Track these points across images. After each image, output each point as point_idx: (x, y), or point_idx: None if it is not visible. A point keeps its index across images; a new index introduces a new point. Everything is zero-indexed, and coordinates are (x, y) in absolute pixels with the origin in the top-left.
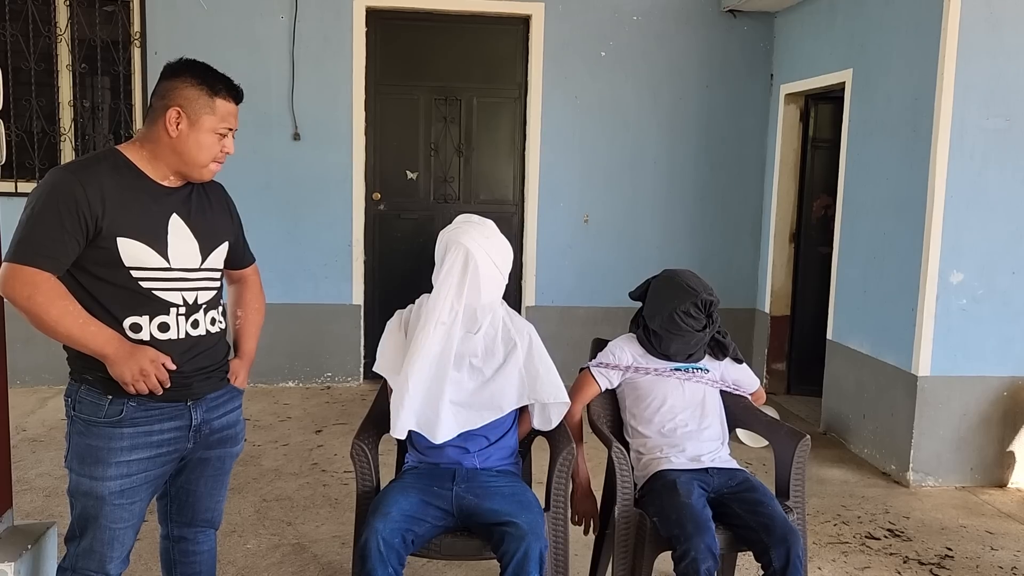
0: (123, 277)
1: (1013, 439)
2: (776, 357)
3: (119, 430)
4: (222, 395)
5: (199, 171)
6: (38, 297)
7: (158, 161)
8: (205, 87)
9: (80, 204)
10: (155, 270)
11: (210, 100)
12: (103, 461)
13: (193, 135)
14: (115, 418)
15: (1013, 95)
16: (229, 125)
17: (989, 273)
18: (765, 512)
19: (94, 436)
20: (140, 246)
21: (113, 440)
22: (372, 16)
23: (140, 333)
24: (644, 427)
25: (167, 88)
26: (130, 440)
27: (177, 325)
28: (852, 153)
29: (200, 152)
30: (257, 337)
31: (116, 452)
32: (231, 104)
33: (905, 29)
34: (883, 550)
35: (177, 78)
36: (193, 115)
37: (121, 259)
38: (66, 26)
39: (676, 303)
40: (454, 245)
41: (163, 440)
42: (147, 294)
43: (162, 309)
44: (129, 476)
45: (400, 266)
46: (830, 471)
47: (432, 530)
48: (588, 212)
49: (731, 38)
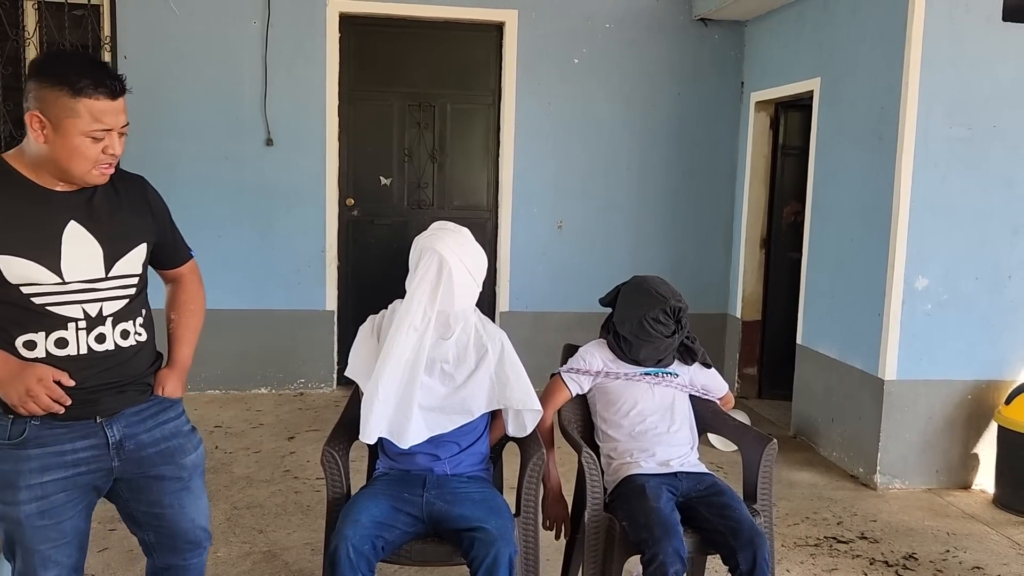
0: (13, 295)
1: (977, 442)
2: (748, 361)
3: (25, 451)
4: (146, 408)
5: (81, 179)
6: None
7: (40, 168)
8: (65, 86)
9: None
10: (46, 285)
11: (72, 100)
12: (13, 485)
13: (61, 141)
14: (18, 439)
15: (975, 104)
16: (104, 125)
17: (953, 279)
18: (732, 516)
19: (1, 459)
20: (26, 263)
21: (21, 462)
22: (346, 22)
23: (35, 350)
24: (614, 431)
25: (28, 91)
26: (39, 461)
27: (77, 340)
28: (820, 160)
29: (74, 159)
30: (192, 342)
31: (25, 475)
32: (103, 101)
33: (871, 39)
34: (850, 552)
35: (36, 78)
36: (55, 119)
37: (6, 278)
38: (35, 30)
39: (645, 310)
40: (428, 252)
41: (79, 459)
42: (40, 310)
43: (59, 324)
44: (46, 498)
45: (374, 272)
46: (799, 474)
47: (403, 536)
48: (562, 218)
49: (702, 46)
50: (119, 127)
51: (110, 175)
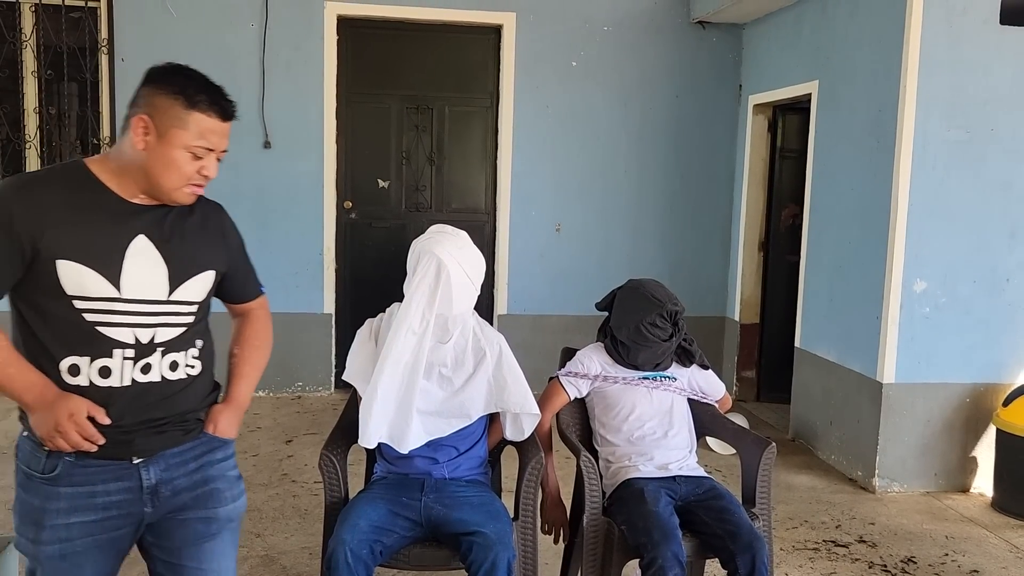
0: (65, 308)
1: (975, 445)
2: (746, 365)
3: (55, 488)
4: (189, 449)
5: (167, 194)
6: None
7: (126, 177)
8: (182, 97)
9: (15, 221)
10: (102, 300)
11: (185, 111)
12: (37, 523)
13: (161, 150)
14: (50, 474)
15: (973, 108)
16: (207, 144)
17: (951, 282)
18: (731, 520)
19: (31, 491)
20: (84, 270)
21: (49, 500)
22: (343, 24)
23: (78, 377)
24: (613, 436)
25: (141, 94)
26: (68, 501)
27: (121, 370)
28: (819, 163)
29: (168, 171)
30: (254, 380)
31: (52, 514)
32: (213, 120)
33: (869, 42)
34: (849, 555)
35: (153, 84)
36: (162, 126)
37: (61, 286)
38: (32, 32)
39: (642, 315)
40: (427, 255)
41: (109, 503)
42: (90, 330)
43: (105, 350)
44: (70, 540)
45: (372, 275)
46: (798, 477)
47: (401, 541)
48: (560, 221)
49: (700, 49)
50: (220, 150)
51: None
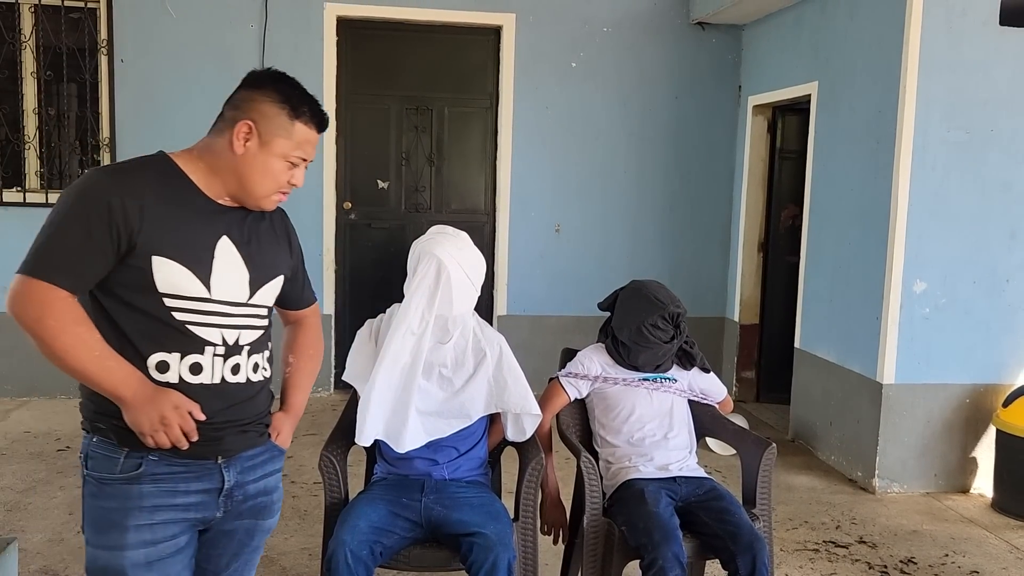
0: (154, 305)
1: (975, 445)
2: (745, 365)
3: (137, 487)
4: (260, 454)
5: (257, 200)
6: (48, 320)
7: (215, 177)
8: (287, 106)
9: (114, 213)
10: (193, 300)
11: (289, 122)
12: (119, 524)
13: (261, 157)
14: (132, 473)
15: (973, 108)
16: (304, 154)
17: (951, 282)
18: (731, 520)
19: (108, 496)
20: (179, 268)
21: (131, 499)
22: (343, 25)
23: (167, 373)
24: (613, 437)
25: (244, 98)
26: (152, 500)
27: (212, 367)
28: (818, 164)
29: (264, 178)
30: (308, 389)
31: (134, 513)
32: (312, 131)
33: (869, 43)
34: (849, 556)
35: (258, 89)
36: (266, 134)
37: (155, 283)
38: (31, 33)
39: (644, 316)
40: (427, 256)
41: (189, 504)
42: (180, 328)
43: (196, 347)
44: (155, 544)
45: (371, 276)
46: (798, 478)
47: (401, 541)
48: (559, 221)
49: (700, 50)
50: (310, 159)
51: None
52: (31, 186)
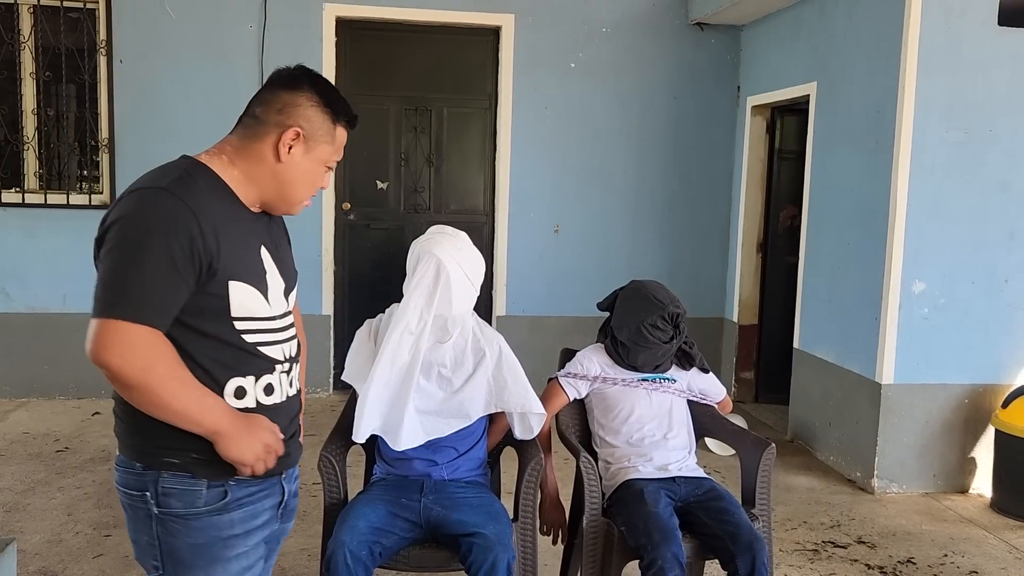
0: (227, 330)
1: (974, 446)
2: (744, 366)
3: (227, 516)
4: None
5: (290, 207)
6: (159, 366)
7: (251, 184)
8: (330, 110)
9: (195, 240)
10: (259, 320)
11: (332, 126)
12: (219, 558)
13: (305, 163)
14: (218, 503)
15: (972, 109)
16: (338, 158)
17: (950, 282)
18: (731, 520)
19: (197, 531)
20: (250, 291)
21: (223, 529)
22: (342, 26)
23: (245, 399)
24: (612, 437)
25: (286, 102)
26: (241, 526)
27: (280, 385)
28: (817, 164)
29: (304, 185)
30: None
31: (231, 542)
32: (346, 134)
33: (867, 44)
34: (848, 556)
35: (299, 92)
36: (311, 140)
37: (229, 308)
38: (30, 33)
39: (643, 316)
40: (426, 256)
41: (264, 522)
42: (252, 350)
43: (267, 367)
44: (251, 568)
45: (370, 276)
46: (797, 478)
47: (400, 542)
48: (558, 222)
49: (699, 50)
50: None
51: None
52: (30, 187)
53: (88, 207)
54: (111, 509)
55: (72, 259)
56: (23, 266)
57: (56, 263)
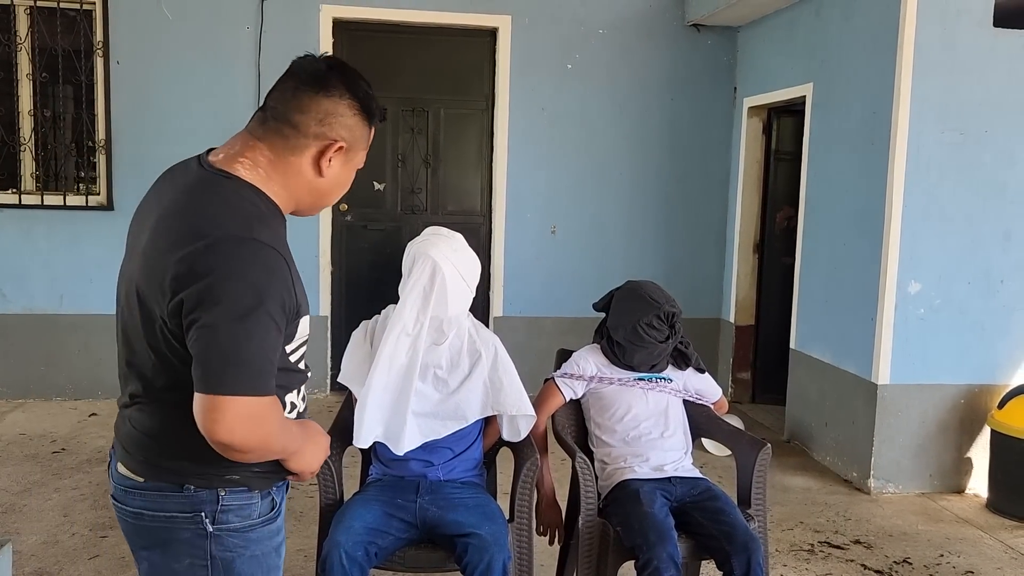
0: (285, 360)
1: (970, 446)
2: (741, 366)
3: (275, 523)
4: None
5: (319, 211)
6: (275, 428)
7: (287, 195)
8: (366, 113)
9: (291, 292)
10: (302, 341)
11: (368, 130)
12: (275, 567)
13: (344, 173)
14: (269, 513)
15: (967, 110)
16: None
17: (946, 283)
18: (726, 520)
19: (255, 543)
20: (307, 318)
21: (274, 536)
22: (339, 27)
23: (293, 412)
24: (608, 436)
25: (327, 111)
26: (281, 531)
27: (302, 395)
28: (813, 165)
29: (339, 192)
30: None
31: (280, 549)
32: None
33: (863, 45)
34: (844, 556)
35: (337, 98)
36: (352, 149)
37: (295, 337)
38: (26, 34)
39: (639, 315)
40: (422, 257)
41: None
42: (295, 368)
43: (303, 379)
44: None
45: (367, 277)
46: (793, 479)
47: (396, 542)
48: (555, 223)
49: (695, 52)
50: None
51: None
52: (26, 188)
53: (85, 208)
54: (108, 510)
55: (69, 260)
56: (20, 267)
57: (53, 264)
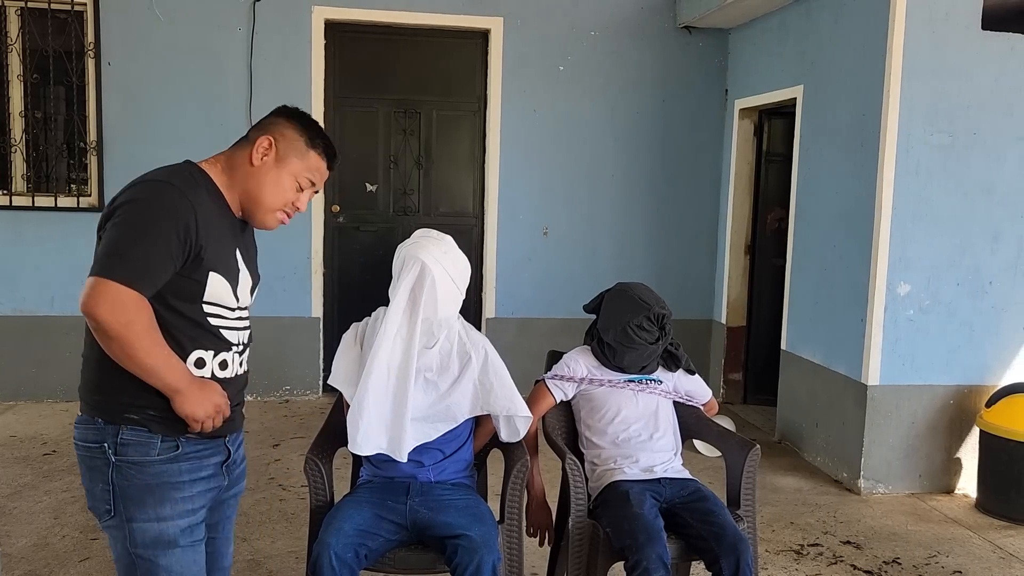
0: (197, 312)
1: (959, 446)
2: (732, 367)
3: (176, 465)
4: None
5: (263, 213)
6: (138, 325)
7: (233, 190)
8: (307, 134)
9: (190, 231)
10: (226, 308)
11: (305, 148)
12: (168, 498)
13: (275, 171)
14: (171, 454)
15: (956, 112)
16: (313, 178)
17: (935, 284)
18: (716, 521)
19: (150, 475)
20: (223, 283)
21: (172, 476)
22: (331, 29)
23: (203, 369)
24: (599, 438)
25: (270, 122)
26: (188, 475)
27: (232, 363)
28: (804, 167)
29: (274, 191)
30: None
31: (180, 487)
32: (323, 163)
33: (853, 47)
34: (833, 557)
35: (284, 117)
36: (283, 151)
37: (203, 294)
38: (17, 35)
39: (629, 316)
40: (411, 259)
41: (209, 475)
42: (215, 332)
43: (225, 347)
44: (194, 512)
45: (359, 279)
46: (784, 479)
47: (386, 544)
48: (547, 224)
49: (687, 54)
50: (316, 189)
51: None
52: (17, 189)
53: (76, 210)
54: None
55: (60, 262)
56: (10, 269)
57: (44, 266)
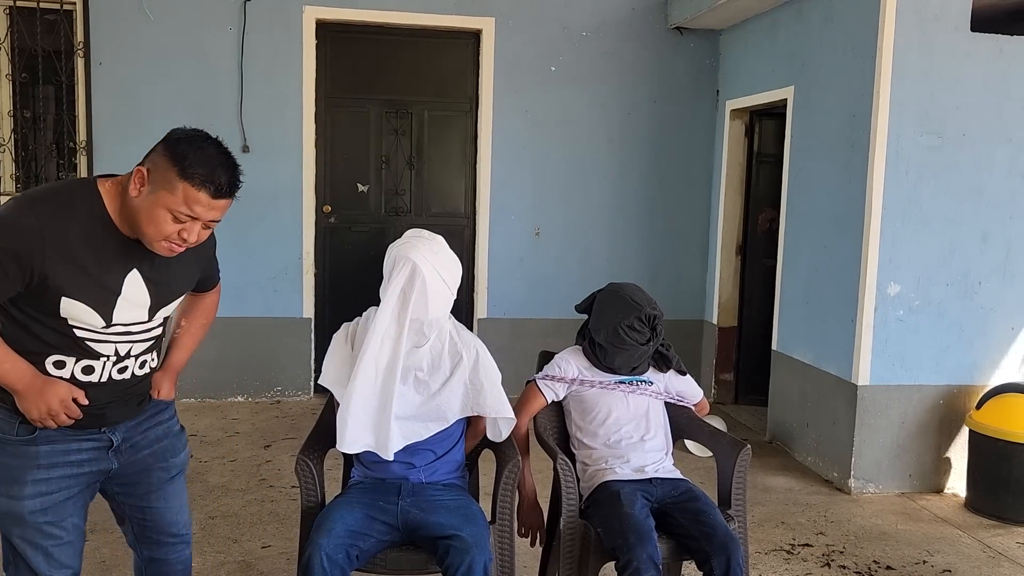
0: (58, 324)
1: (949, 446)
2: (724, 367)
3: (34, 448)
4: (142, 415)
5: (148, 242)
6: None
7: (123, 215)
8: (179, 167)
9: (34, 257)
10: (93, 328)
11: (176, 179)
12: (18, 480)
13: (148, 203)
14: (27, 436)
15: (946, 114)
16: (190, 213)
17: (925, 285)
18: (706, 521)
19: (7, 454)
20: (83, 308)
21: (28, 458)
22: (322, 29)
23: (63, 370)
24: (590, 439)
25: (154, 149)
26: (47, 458)
27: (102, 370)
28: (794, 168)
29: (149, 224)
30: (191, 350)
31: (32, 470)
32: (202, 195)
33: (843, 49)
34: (824, 557)
35: (164, 144)
36: (154, 184)
37: (59, 312)
38: (5, 35)
39: (620, 317)
40: (402, 259)
41: (82, 459)
42: (79, 343)
43: (91, 355)
44: (49, 495)
45: (351, 279)
46: (775, 479)
47: (377, 545)
48: (539, 225)
49: (678, 55)
50: (207, 219)
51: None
52: (6, 189)
53: None
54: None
55: None
56: None
57: None
